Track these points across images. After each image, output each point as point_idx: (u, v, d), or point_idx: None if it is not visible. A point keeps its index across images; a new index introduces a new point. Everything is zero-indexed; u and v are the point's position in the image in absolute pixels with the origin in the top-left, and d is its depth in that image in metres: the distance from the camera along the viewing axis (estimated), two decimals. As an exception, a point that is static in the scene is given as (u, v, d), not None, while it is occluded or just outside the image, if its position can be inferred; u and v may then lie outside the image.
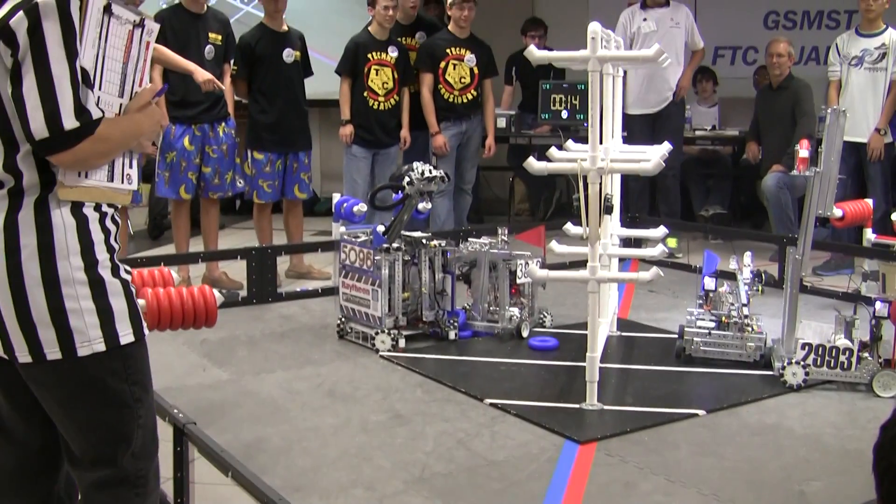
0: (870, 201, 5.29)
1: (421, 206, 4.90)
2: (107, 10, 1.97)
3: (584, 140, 4.04)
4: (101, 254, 2.04)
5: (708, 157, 8.75)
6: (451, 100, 7.05)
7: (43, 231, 1.97)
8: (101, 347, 2.02)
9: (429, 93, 6.99)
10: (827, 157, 4.19)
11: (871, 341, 4.13)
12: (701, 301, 4.60)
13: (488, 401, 3.98)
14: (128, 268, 2.13)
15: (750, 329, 4.43)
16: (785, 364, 4.13)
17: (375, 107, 6.75)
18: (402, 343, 4.72)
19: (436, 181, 4.83)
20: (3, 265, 1.96)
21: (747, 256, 4.66)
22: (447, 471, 3.31)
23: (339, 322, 4.99)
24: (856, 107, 6.69)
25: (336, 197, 5.35)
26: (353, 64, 6.69)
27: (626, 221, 6.47)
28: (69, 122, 1.89)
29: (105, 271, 2.04)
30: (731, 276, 4.77)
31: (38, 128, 1.88)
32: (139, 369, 2.13)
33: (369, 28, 6.78)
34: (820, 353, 4.11)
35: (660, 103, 7.36)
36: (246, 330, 5.14)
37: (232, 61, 6.26)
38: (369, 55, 6.70)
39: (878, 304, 4.10)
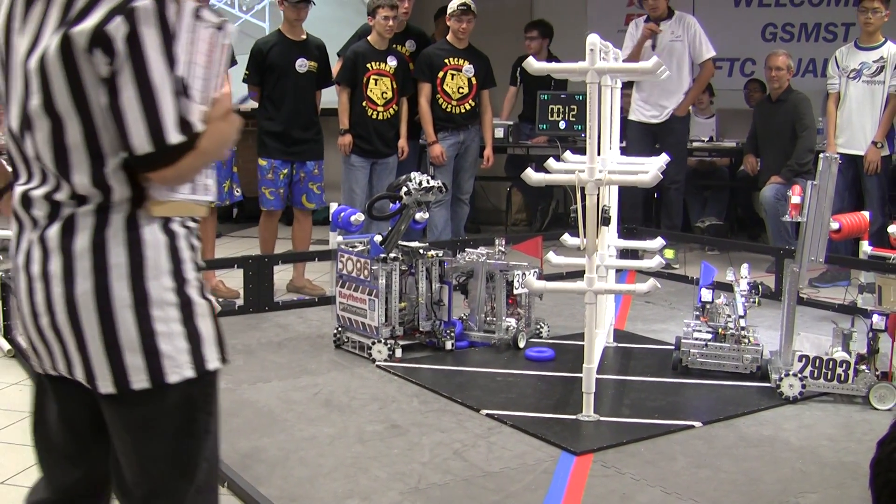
0: (866, 214, 5.30)
1: (418, 216, 4.90)
2: (196, 13, 1.81)
3: (582, 151, 4.05)
4: (190, 272, 1.89)
5: (705, 168, 8.76)
6: (448, 110, 7.05)
7: (134, 249, 1.81)
8: (191, 374, 1.87)
9: (426, 103, 7.00)
10: (820, 203, 4.16)
11: (868, 354, 4.13)
12: (698, 312, 4.60)
13: (485, 411, 3.97)
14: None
15: (747, 341, 4.43)
16: (782, 376, 4.13)
17: (374, 117, 6.74)
18: (398, 353, 4.72)
19: (433, 191, 4.84)
20: (91, 286, 1.80)
21: (744, 268, 4.66)
22: (443, 481, 3.31)
23: (335, 332, 4.99)
24: (853, 120, 6.72)
25: (333, 206, 5.35)
26: (352, 74, 6.69)
27: (624, 233, 6.48)
28: (174, 136, 1.73)
29: (193, 291, 1.89)
30: (728, 288, 4.77)
31: (141, 143, 1.73)
32: (215, 398, 1.98)
33: (368, 38, 6.79)
34: (817, 365, 4.11)
35: (661, 115, 7.33)
36: (242, 339, 5.13)
37: (232, 70, 6.27)
38: (368, 65, 6.70)
39: (875, 317, 4.11)
